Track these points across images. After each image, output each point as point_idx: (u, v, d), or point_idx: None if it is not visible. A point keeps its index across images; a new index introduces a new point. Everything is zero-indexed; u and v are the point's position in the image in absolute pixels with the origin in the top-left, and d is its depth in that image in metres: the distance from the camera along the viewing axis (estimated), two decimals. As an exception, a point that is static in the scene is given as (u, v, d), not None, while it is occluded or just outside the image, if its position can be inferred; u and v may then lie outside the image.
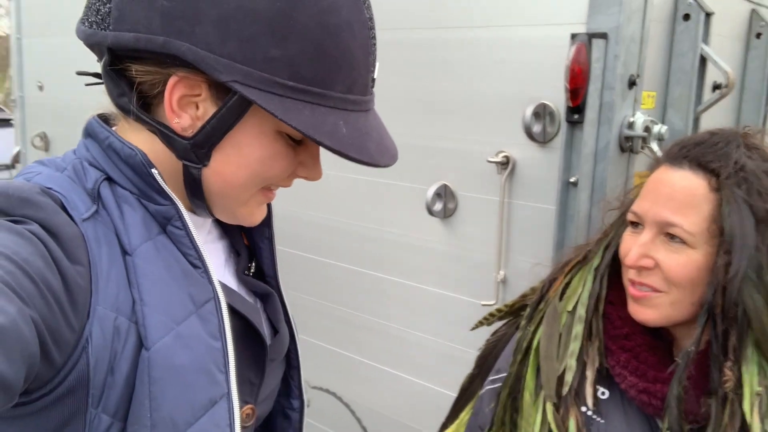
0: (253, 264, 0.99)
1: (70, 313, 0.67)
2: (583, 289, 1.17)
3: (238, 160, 0.79)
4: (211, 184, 0.81)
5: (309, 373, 2.29)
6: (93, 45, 0.79)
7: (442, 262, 1.89)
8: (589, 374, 1.11)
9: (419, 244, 1.93)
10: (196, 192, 0.82)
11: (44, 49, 3.14)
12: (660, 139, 1.54)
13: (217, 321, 0.79)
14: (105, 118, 0.84)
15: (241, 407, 0.79)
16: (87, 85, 0.88)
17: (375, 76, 0.82)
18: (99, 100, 0.85)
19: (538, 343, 1.17)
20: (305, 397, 1.08)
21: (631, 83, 1.51)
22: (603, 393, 1.12)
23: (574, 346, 1.13)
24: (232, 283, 0.94)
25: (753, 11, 1.96)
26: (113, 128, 0.84)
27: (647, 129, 1.53)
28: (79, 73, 0.88)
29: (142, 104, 0.79)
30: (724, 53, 1.69)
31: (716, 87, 1.70)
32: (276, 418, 1.07)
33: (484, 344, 1.42)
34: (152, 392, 0.72)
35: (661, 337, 1.13)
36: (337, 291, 2.17)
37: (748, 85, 2.00)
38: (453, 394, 1.55)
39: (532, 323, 1.21)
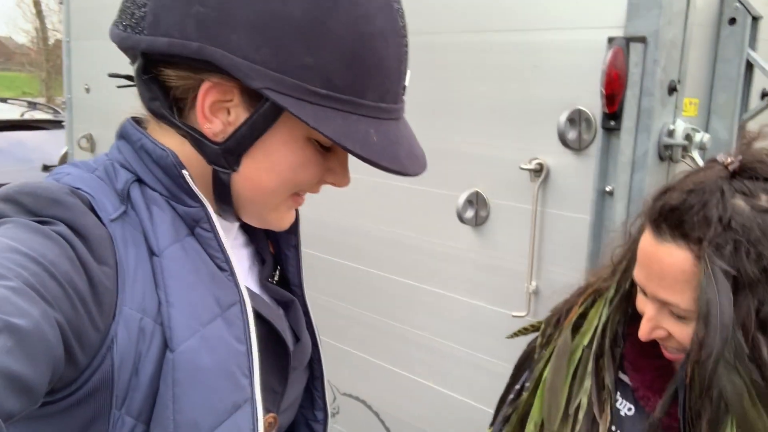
0: (278, 272, 0.99)
1: (95, 314, 0.67)
2: (599, 323, 1.13)
3: (268, 166, 0.79)
4: (241, 189, 0.81)
5: (339, 379, 2.29)
6: (127, 48, 0.80)
7: (473, 271, 1.85)
8: (601, 423, 1.07)
9: (450, 252, 1.89)
10: (224, 197, 0.82)
11: (91, 52, 3.21)
12: (702, 148, 1.48)
13: (242, 324, 0.79)
14: (138, 121, 0.85)
15: (263, 415, 0.79)
16: (119, 87, 0.88)
17: (406, 84, 0.81)
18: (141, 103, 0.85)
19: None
20: (334, 404, 1.07)
21: (672, 89, 1.45)
22: (630, 409, 1.09)
23: (587, 384, 1.09)
24: (256, 290, 0.93)
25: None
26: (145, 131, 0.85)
27: (688, 137, 1.46)
28: (111, 75, 0.89)
29: (173, 108, 0.79)
30: (773, 59, 1.61)
31: (765, 95, 1.64)
32: (299, 429, 1.06)
33: (523, 352, 1.38)
34: (176, 394, 0.72)
35: None
36: (368, 298, 2.15)
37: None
38: (481, 405, 1.51)
39: (547, 350, 1.18)
